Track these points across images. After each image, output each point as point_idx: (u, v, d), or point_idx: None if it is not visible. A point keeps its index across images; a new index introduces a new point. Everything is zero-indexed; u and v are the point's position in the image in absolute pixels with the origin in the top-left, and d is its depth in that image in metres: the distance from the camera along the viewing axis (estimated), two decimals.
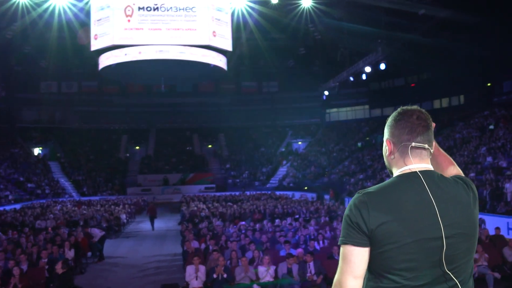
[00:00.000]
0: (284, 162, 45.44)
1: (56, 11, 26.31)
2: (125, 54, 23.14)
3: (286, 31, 32.43)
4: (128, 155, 49.05)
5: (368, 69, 29.35)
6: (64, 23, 27.77)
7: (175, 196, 40.01)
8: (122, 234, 22.14)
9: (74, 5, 25.76)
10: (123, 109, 51.12)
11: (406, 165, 1.97)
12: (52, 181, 40.79)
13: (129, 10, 22.38)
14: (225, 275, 9.74)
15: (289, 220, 17.57)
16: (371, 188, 1.93)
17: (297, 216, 20.62)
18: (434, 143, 2.07)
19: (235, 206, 24.41)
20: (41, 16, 27.09)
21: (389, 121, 2.06)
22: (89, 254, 15.73)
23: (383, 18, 26.54)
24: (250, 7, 27.39)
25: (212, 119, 50.31)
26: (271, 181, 43.52)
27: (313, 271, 10.04)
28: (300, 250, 11.01)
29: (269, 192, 35.74)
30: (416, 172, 1.93)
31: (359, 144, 42.79)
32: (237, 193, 36.20)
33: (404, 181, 1.92)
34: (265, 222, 17.19)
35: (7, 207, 27.91)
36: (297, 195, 35.53)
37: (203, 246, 13.15)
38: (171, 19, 22.73)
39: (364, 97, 48.12)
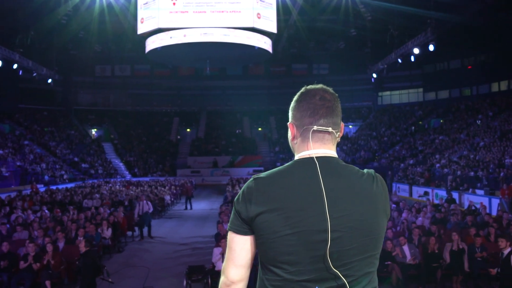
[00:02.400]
0: None
1: None
2: (170, 37, 23.35)
3: (336, 12, 31.67)
4: (179, 137, 49.84)
5: (416, 50, 28.20)
6: (105, 7, 28.28)
7: (223, 178, 40.31)
8: (165, 214, 22.57)
9: None
10: (175, 92, 51.95)
11: (307, 150, 1.79)
12: (105, 162, 42.10)
13: None
14: None
15: None
16: (263, 174, 1.77)
17: None
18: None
19: None
20: (82, 1, 27.69)
21: (292, 102, 1.88)
22: (129, 233, 16.15)
23: None
24: None
25: (262, 102, 50.25)
26: None
27: None
28: None
29: None
30: (312, 157, 1.74)
31: (412, 128, 41.66)
32: None
33: (298, 167, 1.75)
34: None
35: (62, 186, 28.99)
36: None
37: None
38: (215, 2, 22.71)
39: (418, 80, 46.65)
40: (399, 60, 30.96)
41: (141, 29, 24.16)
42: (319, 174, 1.69)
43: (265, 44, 24.53)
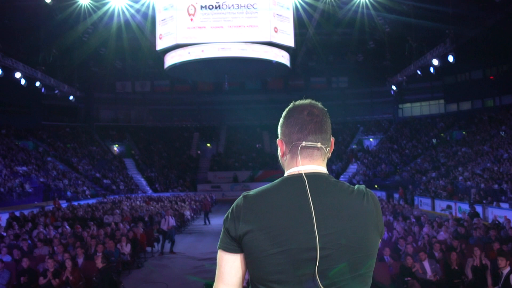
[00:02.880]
0: (354, 160, 44.53)
1: (116, 13, 27.27)
2: (189, 53, 23.56)
3: (353, 25, 31.56)
4: (199, 152, 49.98)
5: (435, 61, 27.86)
6: (122, 24, 28.68)
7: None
8: (185, 230, 22.57)
9: (131, 6, 26.61)
10: (195, 107, 52.25)
11: (296, 167, 1.77)
12: (126, 178, 42.41)
13: (191, 9, 22.74)
14: None
15: None
16: (253, 191, 1.75)
17: None
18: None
19: None
20: (101, 18, 28.14)
21: (281, 118, 1.89)
22: (148, 249, 16.16)
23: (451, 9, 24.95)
24: (305, 2, 26.77)
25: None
26: (340, 179, 42.72)
27: None
28: None
29: None
30: (301, 174, 1.72)
31: (434, 141, 41.13)
32: None
33: (286, 184, 1.73)
34: None
35: (83, 202, 29.24)
36: None
37: None
38: (232, 17, 22.85)
39: (439, 91, 46.14)
40: (419, 72, 30.59)
41: (160, 45, 24.46)
42: (308, 191, 1.67)
43: (283, 58, 24.56)
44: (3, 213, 22.29)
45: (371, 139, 48.52)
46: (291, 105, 1.89)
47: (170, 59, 24.80)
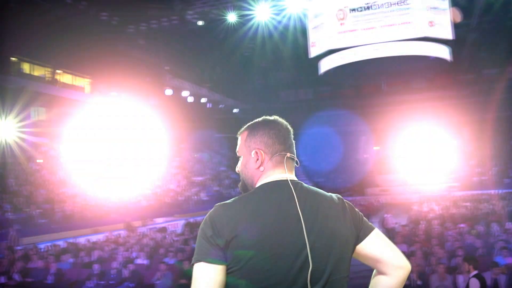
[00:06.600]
0: None
1: (260, 26, 28.41)
2: (341, 57, 23.48)
3: None
4: (366, 156, 49.17)
5: None
6: (265, 36, 29.55)
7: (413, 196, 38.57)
8: None
9: (273, 19, 27.56)
10: (359, 110, 51.48)
11: (280, 174, 1.82)
12: None
13: (341, 14, 22.66)
14: (418, 282, 9.14)
15: None
16: (229, 200, 1.74)
17: None
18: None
19: (469, 206, 22.52)
20: (247, 32, 29.43)
21: (254, 130, 1.93)
22: None
23: None
24: None
25: (452, 113, 47.16)
26: None
27: None
28: (510, 259, 9.66)
29: None
30: (286, 180, 1.78)
31: None
32: (482, 192, 33.06)
33: (271, 190, 1.76)
34: (493, 224, 15.43)
35: None
36: None
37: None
38: (384, 16, 22.21)
39: None
40: None
41: (313, 52, 24.82)
42: (294, 196, 1.71)
43: (442, 52, 23.11)
44: (181, 219, 24.54)
45: None
46: (266, 117, 1.99)
47: (324, 65, 25.00)
